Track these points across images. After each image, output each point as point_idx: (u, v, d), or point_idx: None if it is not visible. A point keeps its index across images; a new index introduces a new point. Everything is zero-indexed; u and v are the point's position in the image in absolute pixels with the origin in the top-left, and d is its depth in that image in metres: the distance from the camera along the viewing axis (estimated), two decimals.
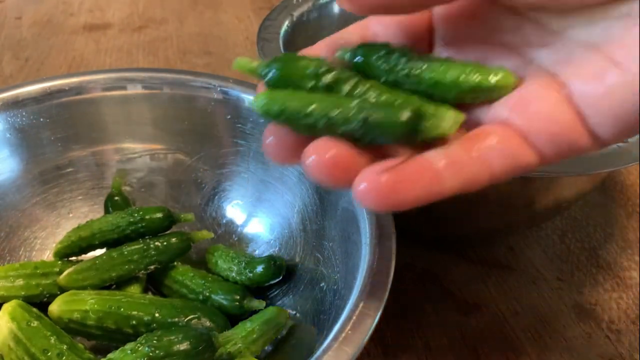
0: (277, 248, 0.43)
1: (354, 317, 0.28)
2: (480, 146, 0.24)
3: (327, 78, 0.25)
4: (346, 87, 0.25)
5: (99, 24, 0.81)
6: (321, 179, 0.24)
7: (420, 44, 0.28)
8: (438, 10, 0.27)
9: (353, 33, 0.29)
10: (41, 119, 0.43)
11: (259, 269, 0.40)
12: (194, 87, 0.45)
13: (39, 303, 0.37)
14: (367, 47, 0.26)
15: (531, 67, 0.25)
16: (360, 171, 0.23)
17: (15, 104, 0.43)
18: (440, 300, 0.43)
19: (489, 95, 0.25)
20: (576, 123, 0.23)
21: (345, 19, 0.57)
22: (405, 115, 0.23)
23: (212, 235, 0.42)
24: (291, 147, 0.26)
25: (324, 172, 0.24)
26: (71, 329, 0.35)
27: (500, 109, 0.25)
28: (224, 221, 0.46)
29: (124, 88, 0.45)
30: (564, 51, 0.24)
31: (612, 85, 0.22)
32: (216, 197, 0.46)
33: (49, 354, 0.32)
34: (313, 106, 0.24)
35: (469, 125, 0.26)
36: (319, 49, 0.28)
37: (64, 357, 0.32)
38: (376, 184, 0.22)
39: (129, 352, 0.31)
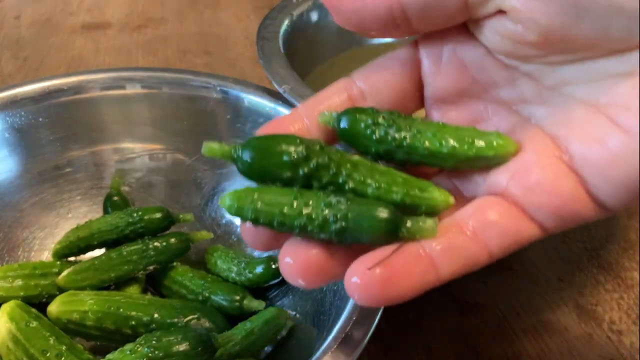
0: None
1: (354, 318, 0.27)
2: (477, 225, 0.23)
3: (305, 168, 0.23)
4: (326, 176, 0.24)
5: (98, 24, 0.81)
6: (296, 282, 0.23)
7: (409, 103, 0.27)
8: (427, 65, 0.26)
9: (336, 92, 0.27)
10: (40, 119, 0.43)
11: (259, 269, 0.39)
12: (193, 86, 0.45)
13: (37, 303, 0.37)
14: (352, 115, 0.25)
15: (529, 127, 0.24)
16: (350, 265, 0.22)
17: (14, 103, 0.43)
18: (441, 300, 0.43)
19: (487, 163, 0.24)
20: (579, 192, 0.22)
21: None
22: (383, 224, 0.22)
23: (212, 235, 0.42)
24: (268, 238, 0.25)
25: (299, 275, 0.23)
26: (70, 329, 0.35)
27: (498, 178, 0.24)
28: (224, 221, 0.46)
29: (123, 88, 0.45)
30: (562, 110, 0.23)
31: (616, 150, 0.21)
32: (215, 197, 0.46)
33: (48, 354, 0.32)
34: (287, 213, 0.23)
35: (465, 194, 0.26)
36: (299, 115, 0.26)
37: (63, 358, 0.32)
38: (368, 280, 0.21)
39: (128, 352, 0.31)
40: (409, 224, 0.23)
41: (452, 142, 0.24)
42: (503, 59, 0.24)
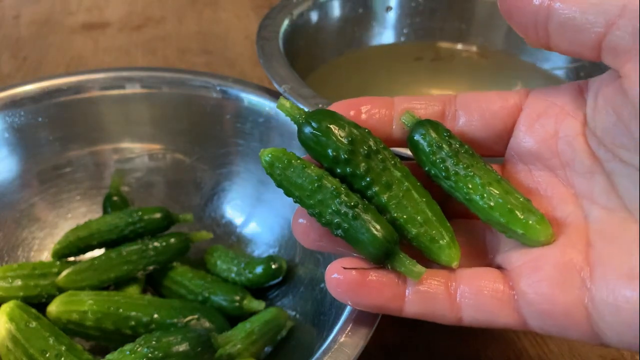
0: (276, 249, 0.43)
1: (355, 318, 0.27)
2: (462, 290, 0.24)
3: (341, 170, 0.25)
4: (357, 184, 0.25)
5: (97, 23, 0.81)
6: (299, 240, 0.27)
7: (495, 145, 0.27)
8: (524, 118, 0.26)
9: (434, 102, 0.27)
10: (39, 119, 0.43)
11: (259, 269, 0.39)
12: (193, 86, 0.44)
13: (37, 304, 0.37)
14: (425, 129, 0.26)
15: (579, 223, 0.23)
16: (332, 263, 0.25)
17: (14, 103, 0.42)
18: None
19: (515, 238, 0.24)
20: (577, 311, 0.21)
21: (346, 18, 0.57)
22: (375, 250, 0.24)
23: (211, 235, 0.42)
24: None
25: (303, 239, 0.27)
26: (70, 329, 0.35)
27: (515, 256, 0.24)
28: (223, 221, 0.45)
29: (123, 87, 0.45)
30: (617, 225, 0.22)
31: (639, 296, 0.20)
32: (215, 197, 0.46)
33: (48, 355, 0.32)
34: (302, 200, 0.25)
35: (488, 249, 0.26)
36: (391, 103, 0.27)
37: (63, 358, 0.32)
38: (343, 276, 0.24)
39: (127, 353, 0.31)
40: (398, 259, 0.24)
41: (491, 201, 0.24)
42: (594, 146, 0.23)
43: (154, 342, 0.31)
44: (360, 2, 0.58)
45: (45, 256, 0.43)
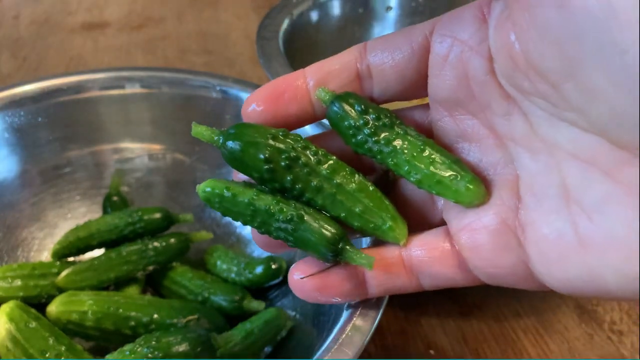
0: None
1: (355, 318, 0.27)
2: (417, 263, 0.25)
3: (270, 186, 0.25)
4: (290, 194, 0.25)
5: (97, 23, 0.81)
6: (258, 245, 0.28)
7: (415, 91, 0.25)
8: (434, 59, 0.24)
9: (348, 59, 0.25)
10: (39, 119, 0.43)
11: (259, 269, 0.39)
12: (193, 86, 0.44)
13: (37, 304, 0.37)
14: (340, 109, 0.25)
15: (508, 172, 0.23)
16: (294, 265, 0.26)
17: (13, 103, 0.42)
18: (441, 301, 0.43)
19: (450, 200, 0.24)
20: (519, 269, 0.22)
21: (346, 18, 0.57)
22: (322, 252, 0.24)
23: (211, 235, 0.42)
24: None
25: (262, 245, 0.28)
26: (69, 330, 0.35)
27: (455, 221, 0.24)
28: (223, 221, 0.45)
29: (123, 87, 0.45)
30: (543, 179, 0.21)
31: (565, 253, 0.20)
32: None
33: (47, 355, 0.32)
34: (249, 223, 0.25)
35: (437, 205, 0.26)
36: (304, 75, 0.26)
37: (63, 358, 0.32)
38: (306, 283, 0.25)
39: (127, 353, 0.31)
40: (347, 254, 0.24)
41: (418, 174, 0.24)
42: (505, 84, 0.21)
43: (154, 343, 0.31)
44: (361, 2, 0.58)
45: (45, 256, 0.43)
